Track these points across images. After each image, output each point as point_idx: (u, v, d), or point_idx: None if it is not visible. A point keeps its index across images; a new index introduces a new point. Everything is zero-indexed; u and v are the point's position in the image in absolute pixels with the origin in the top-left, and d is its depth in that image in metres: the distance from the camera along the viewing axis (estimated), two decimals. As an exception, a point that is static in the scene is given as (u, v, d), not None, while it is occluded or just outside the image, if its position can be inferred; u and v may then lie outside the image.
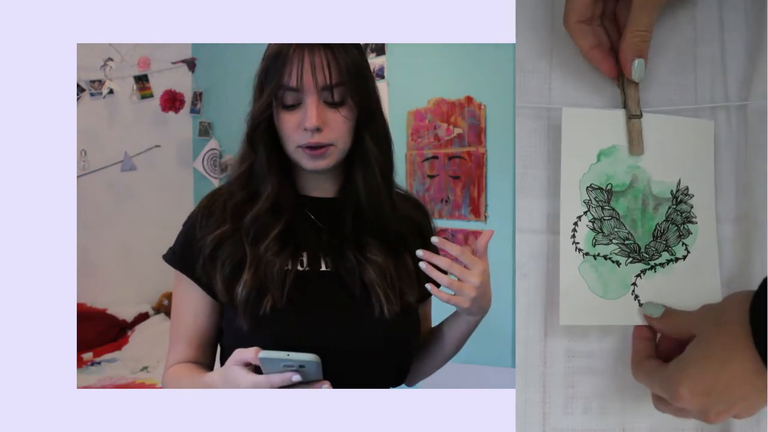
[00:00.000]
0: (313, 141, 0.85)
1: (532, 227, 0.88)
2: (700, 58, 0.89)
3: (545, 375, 0.86)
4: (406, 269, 0.92)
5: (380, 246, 0.91)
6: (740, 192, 0.88)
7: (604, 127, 0.85)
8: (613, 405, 0.86)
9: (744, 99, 0.87)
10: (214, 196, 0.93)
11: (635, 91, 0.85)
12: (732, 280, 0.87)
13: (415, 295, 0.92)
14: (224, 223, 0.88)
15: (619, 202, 0.85)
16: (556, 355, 0.86)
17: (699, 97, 0.88)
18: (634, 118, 0.85)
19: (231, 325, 0.87)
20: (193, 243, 0.89)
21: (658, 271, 0.84)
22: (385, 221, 0.92)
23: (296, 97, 0.85)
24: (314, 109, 0.84)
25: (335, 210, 0.92)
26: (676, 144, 0.86)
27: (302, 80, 0.84)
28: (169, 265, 0.92)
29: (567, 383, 0.86)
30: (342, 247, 0.90)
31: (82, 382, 2.50)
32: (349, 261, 0.89)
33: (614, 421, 0.86)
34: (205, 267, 0.87)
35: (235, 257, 0.86)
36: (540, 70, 0.89)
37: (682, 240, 0.85)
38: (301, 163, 0.87)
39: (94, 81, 3.06)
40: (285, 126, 0.86)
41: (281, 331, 0.83)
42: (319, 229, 0.92)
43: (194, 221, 0.91)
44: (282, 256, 0.86)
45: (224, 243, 0.87)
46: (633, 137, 0.85)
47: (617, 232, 0.84)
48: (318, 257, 0.90)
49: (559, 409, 0.85)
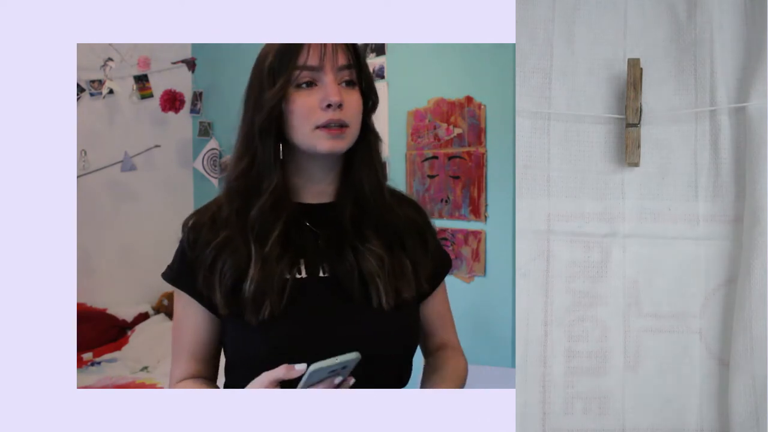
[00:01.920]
0: (335, 117, 0.84)
1: (532, 227, 0.88)
2: (700, 58, 0.89)
3: (545, 375, 0.86)
4: (403, 267, 0.91)
5: (380, 240, 0.91)
6: (740, 192, 0.88)
7: None
8: (613, 405, 0.86)
9: (744, 100, 0.87)
10: (198, 215, 0.92)
11: (635, 101, 0.85)
12: (732, 280, 0.87)
13: (411, 293, 0.91)
14: (223, 230, 0.88)
15: None
16: (556, 355, 0.86)
17: (699, 98, 0.88)
18: (631, 127, 0.85)
19: (234, 337, 0.87)
20: (187, 261, 0.89)
21: None
22: (385, 215, 0.92)
23: (313, 76, 0.85)
24: (335, 85, 0.84)
25: (333, 213, 0.92)
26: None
27: (324, 58, 0.84)
28: (168, 283, 0.92)
29: (567, 383, 0.86)
30: (341, 247, 0.90)
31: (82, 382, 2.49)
32: (348, 260, 0.89)
33: (614, 421, 0.86)
34: (205, 279, 0.87)
35: (236, 261, 0.86)
36: (540, 70, 0.89)
37: None
38: (317, 147, 0.86)
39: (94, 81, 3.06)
40: (300, 108, 0.85)
41: (281, 337, 0.83)
42: (315, 236, 0.91)
43: (184, 245, 0.91)
44: (282, 263, 0.86)
45: (225, 249, 0.87)
46: (628, 146, 0.85)
47: None
48: (316, 264, 0.90)
49: (559, 409, 0.85)
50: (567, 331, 0.86)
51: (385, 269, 0.89)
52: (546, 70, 0.88)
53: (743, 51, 0.89)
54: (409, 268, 0.92)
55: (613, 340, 0.87)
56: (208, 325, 0.92)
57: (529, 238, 0.88)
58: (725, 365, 0.86)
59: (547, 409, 0.85)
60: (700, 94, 0.88)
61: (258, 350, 0.80)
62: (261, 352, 0.79)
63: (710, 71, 0.88)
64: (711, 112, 0.88)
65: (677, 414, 0.86)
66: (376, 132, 0.94)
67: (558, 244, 0.88)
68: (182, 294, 0.91)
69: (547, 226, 0.88)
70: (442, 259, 0.99)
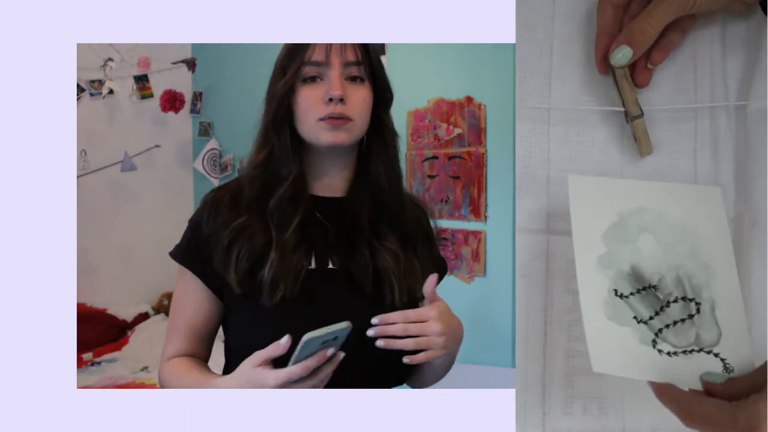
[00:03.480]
0: (336, 111, 0.86)
1: (532, 227, 0.88)
2: (700, 58, 0.89)
3: (545, 375, 0.86)
4: (413, 267, 0.93)
5: (396, 237, 0.92)
6: (740, 192, 0.88)
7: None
8: (613, 405, 0.86)
9: (744, 99, 0.87)
10: (220, 192, 0.93)
11: (631, 92, 0.85)
12: (732, 280, 0.87)
13: (421, 292, 0.92)
14: (240, 215, 0.89)
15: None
16: (556, 355, 0.86)
17: (699, 98, 0.88)
18: (636, 119, 0.85)
19: (241, 321, 0.88)
20: (199, 240, 0.90)
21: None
22: (401, 212, 0.94)
23: (319, 71, 0.88)
24: (338, 80, 0.87)
25: (344, 208, 0.93)
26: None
27: (330, 54, 0.87)
28: (175, 261, 0.93)
29: (567, 383, 0.86)
30: (354, 244, 0.91)
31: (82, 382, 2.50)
32: (362, 255, 0.90)
33: (614, 421, 0.86)
34: (219, 260, 0.88)
35: (254, 247, 0.87)
36: (540, 70, 0.89)
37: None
38: (320, 139, 0.88)
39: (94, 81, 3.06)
40: (305, 101, 0.88)
41: (288, 324, 0.84)
42: (326, 229, 0.92)
43: (200, 219, 0.91)
44: (298, 252, 0.88)
45: (242, 234, 0.88)
46: (639, 138, 0.85)
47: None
48: (326, 256, 0.91)
49: (558, 409, 0.85)
50: (567, 331, 0.86)
51: (400, 267, 0.90)
52: (546, 70, 0.88)
53: (743, 51, 0.89)
54: (419, 268, 0.93)
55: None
56: (208, 305, 0.93)
57: (529, 238, 0.88)
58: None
59: (547, 409, 0.85)
60: (699, 93, 0.88)
61: (264, 335, 0.81)
62: (267, 336, 0.80)
63: (710, 70, 0.88)
64: (711, 111, 0.88)
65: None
66: (392, 128, 0.97)
67: (558, 244, 0.88)
68: (186, 272, 0.93)
69: (547, 226, 0.88)
70: (441, 263, 1.01)
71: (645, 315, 0.82)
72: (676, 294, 0.83)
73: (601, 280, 0.82)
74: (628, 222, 0.84)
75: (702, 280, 0.83)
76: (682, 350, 0.81)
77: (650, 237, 0.84)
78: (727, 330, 0.82)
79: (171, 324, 0.95)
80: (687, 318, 0.82)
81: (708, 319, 0.82)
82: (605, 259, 0.83)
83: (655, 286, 0.83)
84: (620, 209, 0.84)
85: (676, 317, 0.82)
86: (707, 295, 0.83)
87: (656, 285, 0.83)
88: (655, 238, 0.84)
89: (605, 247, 0.82)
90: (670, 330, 0.82)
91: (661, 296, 0.83)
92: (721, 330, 0.82)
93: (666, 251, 0.84)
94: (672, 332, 0.82)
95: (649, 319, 0.82)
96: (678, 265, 0.83)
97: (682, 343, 0.81)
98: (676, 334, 0.82)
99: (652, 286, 0.83)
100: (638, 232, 0.84)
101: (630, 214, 0.84)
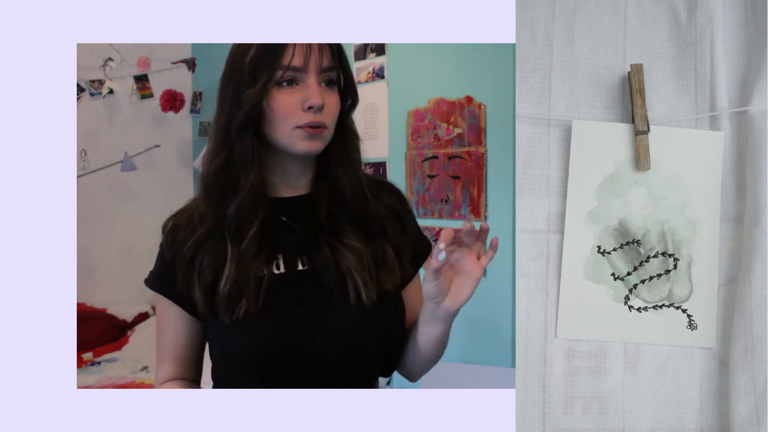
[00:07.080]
0: (315, 120, 0.84)
1: (532, 227, 0.88)
2: (700, 59, 0.89)
3: (545, 375, 0.86)
4: (385, 257, 0.91)
5: (358, 233, 0.90)
6: (740, 192, 0.88)
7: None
8: (613, 405, 0.86)
9: (745, 101, 0.87)
10: (177, 215, 0.92)
11: (642, 108, 0.85)
12: (732, 280, 0.87)
13: (394, 281, 0.91)
14: (201, 227, 0.88)
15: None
16: (556, 355, 0.86)
17: (699, 99, 0.89)
18: (641, 134, 0.85)
19: (216, 335, 0.88)
20: (166, 264, 0.89)
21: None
22: (363, 210, 0.92)
23: (295, 75, 0.85)
24: (317, 87, 0.84)
25: (308, 205, 0.92)
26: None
27: (309, 59, 0.84)
28: (149, 288, 0.93)
29: (567, 383, 0.86)
30: (317, 240, 0.90)
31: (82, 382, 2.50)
32: (325, 253, 0.89)
33: (614, 421, 0.86)
34: (184, 276, 0.87)
35: (214, 258, 0.86)
36: (540, 70, 0.89)
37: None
38: (295, 146, 0.86)
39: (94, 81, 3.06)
40: (282, 106, 0.84)
41: (260, 335, 0.83)
42: (292, 230, 0.91)
43: (163, 245, 0.91)
44: (258, 260, 0.86)
45: (204, 245, 0.87)
46: (640, 153, 0.86)
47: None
48: (294, 258, 0.90)
49: (559, 409, 0.85)
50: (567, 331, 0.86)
51: (364, 263, 0.89)
52: (546, 70, 0.89)
53: (743, 52, 0.89)
54: (392, 255, 0.92)
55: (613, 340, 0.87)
56: (188, 327, 0.93)
57: (529, 238, 0.88)
58: (725, 365, 0.86)
59: (547, 409, 0.85)
60: (700, 95, 0.88)
61: (241, 347, 0.81)
62: (244, 348, 0.79)
63: (710, 71, 0.88)
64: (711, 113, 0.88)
65: (677, 414, 0.86)
66: (354, 130, 0.94)
67: (558, 244, 0.88)
68: (162, 298, 0.92)
69: (547, 226, 0.88)
70: (422, 241, 0.99)
71: (623, 270, 0.87)
72: (657, 249, 0.87)
73: (587, 237, 0.87)
74: (624, 173, 0.87)
75: (684, 235, 0.87)
76: (653, 305, 0.86)
77: (642, 190, 0.87)
78: (698, 287, 0.86)
79: (157, 350, 0.96)
80: (663, 273, 0.87)
81: (683, 276, 0.87)
82: (594, 213, 0.87)
83: (638, 240, 0.87)
84: (618, 158, 0.87)
85: (653, 272, 0.87)
86: (686, 252, 0.87)
87: (640, 240, 0.87)
88: (647, 191, 0.87)
89: (597, 201, 0.87)
90: (645, 285, 0.87)
91: (642, 251, 0.87)
92: (693, 287, 0.86)
93: (655, 205, 0.87)
94: (647, 287, 0.87)
95: (626, 275, 0.87)
96: (664, 220, 0.87)
97: (655, 299, 0.86)
98: (650, 290, 0.87)
99: (636, 240, 0.87)
100: (631, 185, 0.87)
101: (626, 164, 0.87)
